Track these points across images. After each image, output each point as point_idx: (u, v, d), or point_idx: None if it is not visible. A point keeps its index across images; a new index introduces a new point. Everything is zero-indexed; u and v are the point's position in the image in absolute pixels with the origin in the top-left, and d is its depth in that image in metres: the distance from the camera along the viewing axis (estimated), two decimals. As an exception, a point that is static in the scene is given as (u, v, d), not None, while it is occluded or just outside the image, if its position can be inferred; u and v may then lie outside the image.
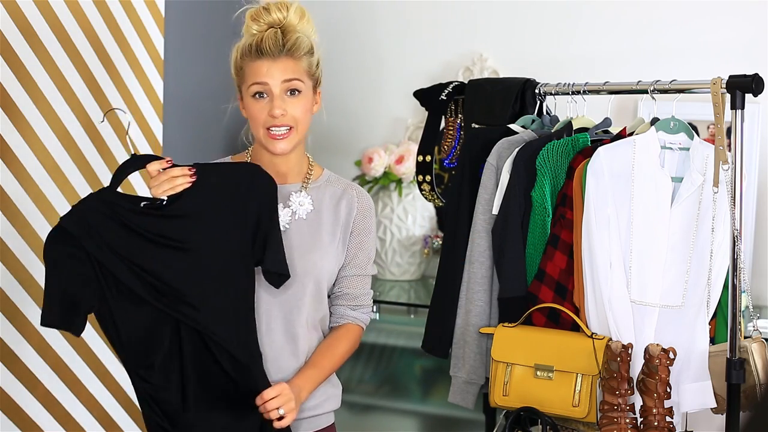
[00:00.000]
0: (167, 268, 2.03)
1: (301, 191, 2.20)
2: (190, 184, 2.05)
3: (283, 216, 2.16)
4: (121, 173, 2.06)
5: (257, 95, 2.13)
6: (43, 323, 2.02)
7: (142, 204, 2.04)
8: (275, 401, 2.03)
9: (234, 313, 2.06)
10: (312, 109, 2.19)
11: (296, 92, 2.13)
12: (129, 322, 2.03)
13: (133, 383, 2.05)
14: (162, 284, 2.02)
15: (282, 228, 2.13)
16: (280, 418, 2.05)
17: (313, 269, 2.15)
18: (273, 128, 2.12)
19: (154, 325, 2.03)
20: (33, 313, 2.59)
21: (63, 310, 2.00)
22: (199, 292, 2.04)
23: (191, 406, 2.04)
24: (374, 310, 3.32)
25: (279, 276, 2.09)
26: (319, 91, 2.22)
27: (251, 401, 2.05)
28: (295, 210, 2.18)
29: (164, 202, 2.04)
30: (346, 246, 2.21)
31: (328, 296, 2.23)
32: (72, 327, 2.02)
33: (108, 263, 2.00)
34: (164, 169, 2.05)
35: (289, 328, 2.14)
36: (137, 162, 2.06)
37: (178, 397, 2.04)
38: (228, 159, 2.27)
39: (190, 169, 2.06)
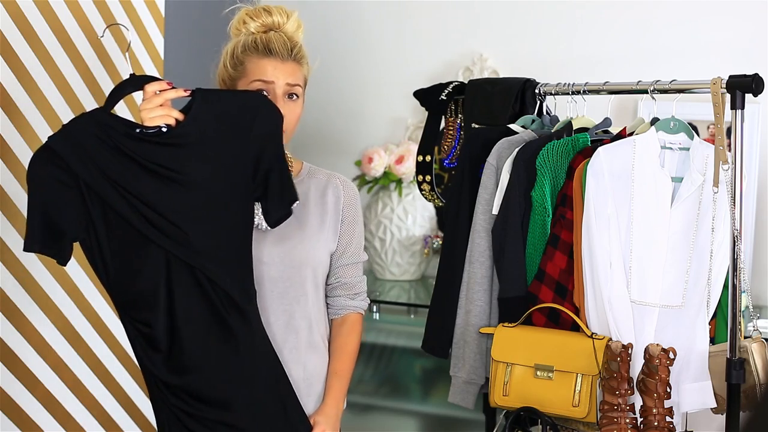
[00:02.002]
0: (162, 199, 1.92)
1: None
2: (183, 117, 1.96)
3: None
4: (117, 93, 1.95)
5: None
6: (26, 248, 1.90)
7: (137, 130, 1.93)
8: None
9: (230, 251, 1.97)
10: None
11: (294, 97, 2.15)
12: (118, 254, 1.92)
13: (123, 325, 1.97)
14: (156, 215, 1.91)
15: (267, 226, 2.12)
16: None
17: (307, 259, 2.16)
18: None
19: (144, 258, 1.93)
20: (33, 313, 2.59)
21: (46, 236, 1.88)
22: (195, 227, 1.93)
23: (182, 348, 1.94)
24: (374, 309, 3.32)
25: (278, 217, 2.02)
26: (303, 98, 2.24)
27: (242, 346, 1.97)
28: None
29: (164, 129, 1.94)
30: (337, 234, 2.23)
31: (326, 286, 2.25)
32: (57, 253, 1.90)
33: (98, 188, 1.89)
34: (161, 91, 1.96)
35: (290, 321, 2.15)
36: (136, 82, 1.95)
37: (168, 338, 1.94)
38: None
39: (187, 92, 1.98)
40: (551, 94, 2.58)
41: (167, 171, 1.94)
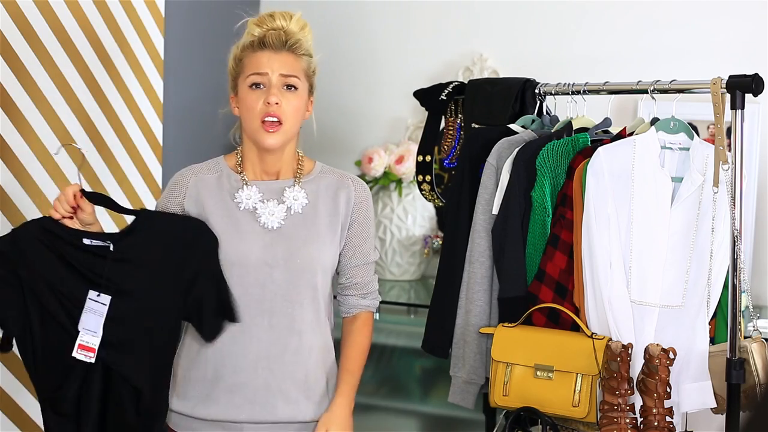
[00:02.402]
0: None
1: (294, 186, 2.20)
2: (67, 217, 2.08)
3: (278, 212, 2.17)
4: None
5: (254, 86, 2.14)
6: None
7: (85, 240, 2.06)
8: None
9: (150, 365, 2.10)
10: (304, 111, 2.20)
11: (292, 88, 2.15)
12: (49, 352, 2.05)
13: (43, 418, 2.08)
14: (73, 314, 2.06)
15: (277, 225, 2.16)
16: None
17: (311, 262, 2.15)
18: (267, 118, 2.12)
19: (71, 359, 2.06)
20: (33, 313, 2.59)
21: None
22: (122, 338, 2.08)
23: None
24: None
25: (211, 333, 2.12)
26: (312, 99, 2.24)
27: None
28: (289, 205, 2.18)
29: (110, 245, 2.06)
30: (345, 236, 2.22)
31: (338, 285, 2.26)
32: None
33: (39, 292, 2.03)
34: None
35: (293, 324, 2.14)
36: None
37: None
38: (221, 158, 2.26)
39: (76, 200, 2.09)
40: (551, 94, 2.59)
41: (108, 283, 2.07)
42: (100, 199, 2.13)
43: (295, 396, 2.15)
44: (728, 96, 2.22)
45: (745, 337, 2.23)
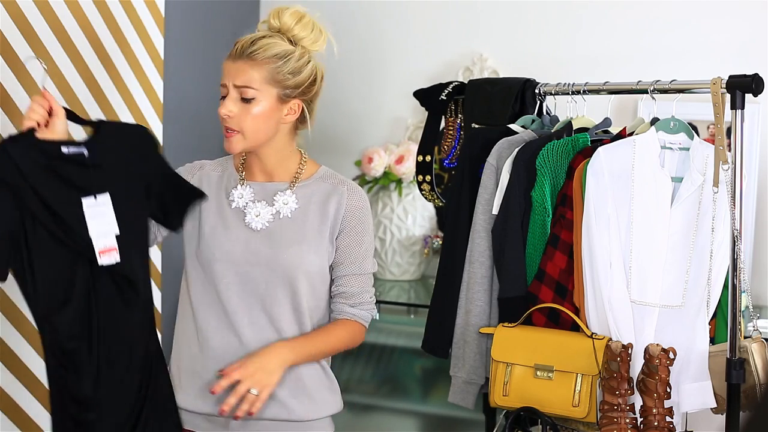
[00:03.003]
0: (80, 216, 2.06)
1: (286, 190, 2.19)
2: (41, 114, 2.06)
3: (264, 214, 2.17)
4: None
5: (222, 97, 2.16)
6: None
7: (63, 149, 2.05)
8: (243, 383, 2.04)
9: (140, 263, 2.12)
10: (274, 117, 2.15)
11: (248, 100, 2.12)
12: (45, 266, 2.02)
13: (42, 341, 2.04)
14: (80, 229, 2.04)
15: (262, 226, 2.16)
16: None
17: (291, 265, 2.13)
18: (225, 126, 2.15)
19: (69, 268, 2.04)
20: (33, 313, 2.59)
21: None
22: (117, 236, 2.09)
23: (100, 362, 2.04)
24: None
25: (179, 221, 2.18)
26: (299, 102, 2.16)
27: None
28: (279, 209, 2.18)
29: (84, 151, 2.06)
30: (335, 244, 2.19)
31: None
32: None
33: (34, 209, 2.00)
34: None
35: (273, 322, 2.15)
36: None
37: (87, 348, 2.03)
38: (230, 157, 2.28)
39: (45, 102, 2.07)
40: (551, 94, 2.59)
41: (97, 187, 2.07)
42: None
43: (280, 393, 2.14)
44: (728, 96, 2.22)
45: (745, 337, 2.23)
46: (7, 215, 1.99)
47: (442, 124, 2.82)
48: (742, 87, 2.21)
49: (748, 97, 2.22)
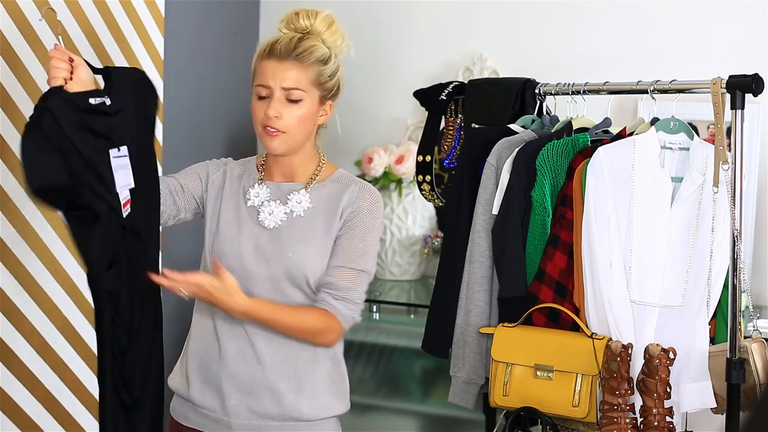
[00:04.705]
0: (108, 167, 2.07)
1: (301, 190, 2.21)
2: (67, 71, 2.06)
3: (277, 213, 2.19)
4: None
5: (260, 97, 2.16)
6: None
7: (90, 100, 2.04)
8: (198, 283, 2.05)
9: (145, 213, 2.14)
10: (314, 119, 2.21)
11: (295, 101, 2.15)
12: (94, 224, 2.03)
13: (94, 298, 2.06)
14: (112, 182, 2.05)
15: (274, 225, 2.18)
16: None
17: (299, 262, 2.14)
18: (267, 128, 2.15)
19: (108, 226, 2.05)
20: (33, 312, 2.59)
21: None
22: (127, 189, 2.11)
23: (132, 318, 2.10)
24: (374, 309, 3.32)
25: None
26: (331, 103, 2.24)
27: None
28: (292, 208, 2.19)
29: (106, 99, 2.05)
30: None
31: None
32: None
33: (75, 165, 2.01)
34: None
35: None
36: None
37: (127, 302, 2.08)
38: (254, 157, 2.33)
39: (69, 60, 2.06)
40: (551, 94, 2.59)
41: (118, 136, 2.08)
42: None
43: (284, 390, 2.15)
44: (728, 96, 2.22)
45: (745, 337, 2.23)
46: (62, 177, 1.99)
47: (442, 124, 2.82)
48: (742, 87, 2.21)
49: (748, 97, 2.22)
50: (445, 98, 2.77)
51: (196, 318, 2.25)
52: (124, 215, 2.08)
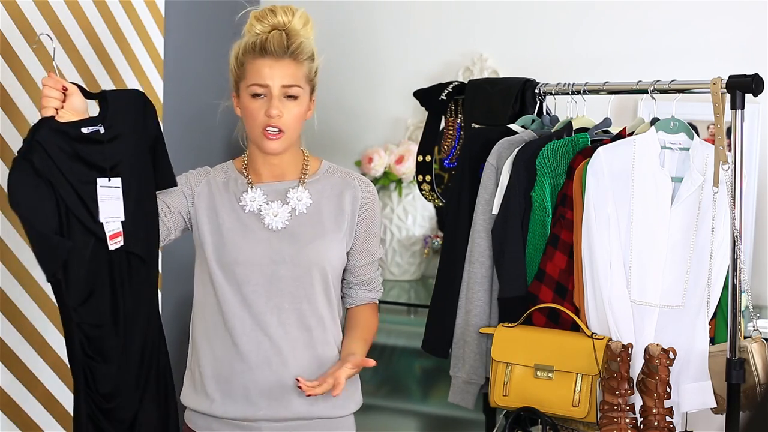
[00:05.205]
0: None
1: (298, 187, 2.21)
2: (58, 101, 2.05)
3: (282, 213, 2.19)
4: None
5: (256, 95, 2.15)
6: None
7: (83, 130, 2.03)
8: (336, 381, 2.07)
9: (145, 235, 2.13)
10: (306, 115, 2.21)
11: (293, 98, 2.15)
12: (79, 259, 2.02)
13: (68, 336, 2.04)
14: (96, 211, 2.04)
15: (282, 225, 2.18)
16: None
17: (318, 258, 2.17)
18: (269, 128, 2.14)
19: (94, 259, 2.04)
20: (33, 313, 2.59)
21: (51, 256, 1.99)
22: (127, 213, 2.09)
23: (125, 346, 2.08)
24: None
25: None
26: (314, 98, 2.24)
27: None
28: (294, 206, 2.20)
29: (100, 127, 2.05)
30: (353, 235, 2.23)
31: (343, 281, 2.27)
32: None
33: (66, 197, 2.00)
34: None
35: (302, 319, 2.16)
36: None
37: (113, 332, 2.07)
38: (230, 162, 2.30)
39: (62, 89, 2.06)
40: (551, 94, 2.59)
41: (110, 165, 2.07)
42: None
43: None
44: (728, 96, 2.22)
45: (745, 337, 2.23)
46: (50, 211, 1.98)
47: (442, 124, 2.82)
48: (742, 87, 2.21)
49: (748, 97, 2.22)
50: (445, 98, 2.77)
51: (202, 337, 2.21)
52: (111, 247, 2.05)
